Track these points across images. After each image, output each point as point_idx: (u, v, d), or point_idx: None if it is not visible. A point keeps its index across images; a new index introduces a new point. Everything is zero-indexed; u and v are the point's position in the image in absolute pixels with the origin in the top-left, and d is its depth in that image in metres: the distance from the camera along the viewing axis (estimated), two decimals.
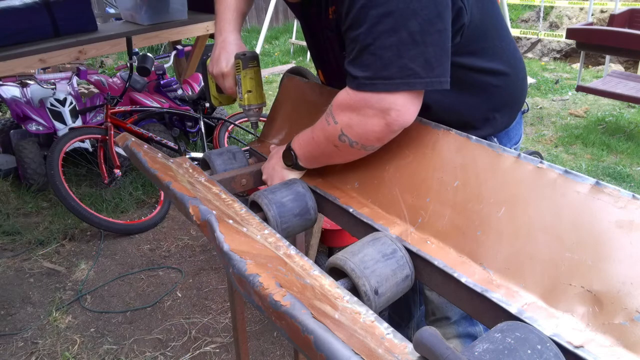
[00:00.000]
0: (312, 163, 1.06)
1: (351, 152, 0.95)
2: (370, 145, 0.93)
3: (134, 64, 3.27)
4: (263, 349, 2.10)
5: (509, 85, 1.08)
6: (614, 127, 4.31)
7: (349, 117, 0.90)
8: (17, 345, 2.13)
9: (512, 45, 1.09)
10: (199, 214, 0.80)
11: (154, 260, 2.72)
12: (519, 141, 1.20)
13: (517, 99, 1.13)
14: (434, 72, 0.84)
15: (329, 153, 0.99)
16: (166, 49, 5.80)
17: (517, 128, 1.17)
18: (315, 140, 0.99)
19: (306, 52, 6.92)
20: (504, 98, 1.09)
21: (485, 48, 1.02)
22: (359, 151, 0.95)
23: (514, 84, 1.10)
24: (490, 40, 1.03)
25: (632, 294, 0.62)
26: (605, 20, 6.14)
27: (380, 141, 0.92)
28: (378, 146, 0.94)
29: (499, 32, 1.05)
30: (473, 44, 0.99)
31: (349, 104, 0.90)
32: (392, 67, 0.83)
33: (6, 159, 3.52)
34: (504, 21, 1.09)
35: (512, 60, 1.08)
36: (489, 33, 1.02)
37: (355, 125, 0.90)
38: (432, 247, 0.82)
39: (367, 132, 0.90)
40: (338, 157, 1.00)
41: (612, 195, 0.69)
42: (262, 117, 1.35)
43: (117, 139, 1.16)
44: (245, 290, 0.63)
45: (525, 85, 1.17)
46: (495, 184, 0.80)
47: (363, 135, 0.90)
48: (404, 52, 0.81)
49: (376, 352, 0.53)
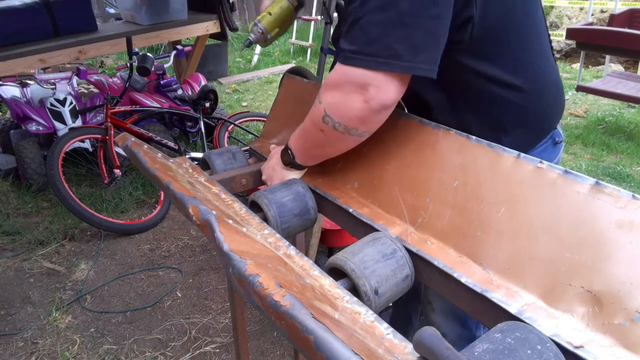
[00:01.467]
0: (307, 157, 1.05)
1: (336, 136, 0.92)
2: (354, 129, 0.90)
3: (134, 64, 3.27)
4: (263, 349, 2.10)
5: (526, 104, 0.99)
6: (614, 127, 4.31)
7: (332, 95, 0.89)
8: (17, 345, 2.13)
9: (543, 64, 1.02)
10: (199, 214, 0.80)
11: (154, 260, 2.72)
12: None
13: (536, 121, 1.03)
14: (418, 58, 0.81)
15: (318, 141, 0.97)
16: (166, 49, 5.80)
17: (544, 157, 1.07)
18: (305, 128, 0.99)
19: (306, 52, 6.92)
20: (518, 117, 1.01)
21: (501, 55, 0.96)
22: (344, 135, 0.92)
23: (533, 104, 1.01)
24: (510, 48, 0.96)
25: (632, 294, 0.62)
26: (605, 20, 6.14)
27: (364, 123, 0.89)
28: (364, 130, 0.91)
29: (526, 45, 0.98)
30: (486, 47, 0.94)
31: (333, 82, 0.89)
32: (376, 44, 0.82)
33: (6, 159, 3.52)
34: (540, 37, 1.02)
35: (537, 77, 1.00)
36: (510, 41, 0.96)
37: (337, 103, 0.89)
38: (432, 247, 0.82)
39: (348, 110, 0.88)
40: (328, 146, 0.97)
41: (612, 195, 0.69)
42: (262, 117, 1.35)
43: (117, 139, 1.16)
44: (245, 290, 0.63)
45: (555, 110, 1.07)
46: (495, 184, 0.80)
47: (344, 114, 0.88)
48: (390, 31, 0.80)
49: (376, 352, 0.53)
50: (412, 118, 0.98)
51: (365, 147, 1.02)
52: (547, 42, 1.06)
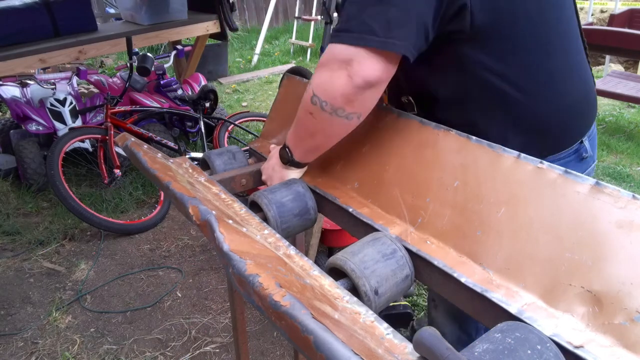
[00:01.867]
0: (303, 151, 1.04)
1: (325, 118, 0.92)
2: (340, 108, 0.90)
3: (134, 64, 3.26)
4: (263, 349, 2.10)
5: (531, 104, 0.95)
6: (614, 127, 4.31)
7: (320, 75, 0.91)
8: (17, 345, 2.13)
9: (565, 72, 0.97)
10: (199, 214, 0.80)
11: (154, 260, 2.72)
12: None
13: (546, 128, 0.98)
14: (391, 33, 0.82)
15: (308, 127, 0.97)
16: (166, 49, 5.80)
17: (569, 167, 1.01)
18: (297, 117, 0.99)
19: (306, 52, 6.92)
20: (524, 118, 0.96)
21: (510, 52, 0.92)
22: (332, 117, 0.91)
23: (544, 111, 0.96)
24: (522, 47, 0.92)
25: (632, 294, 0.62)
26: (605, 20, 6.14)
27: (348, 101, 0.88)
28: (349, 111, 0.90)
29: (544, 47, 0.93)
30: (493, 41, 0.91)
31: (321, 62, 0.91)
32: (353, 21, 0.85)
33: (6, 159, 3.52)
34: (565, 40, 0.97)
35: (554, 84, 0.95)
36: (523, 39, 0.92)
37: (323, 81, 0.90)
38: (432, 247, 0.82)
39: (333, 87, 0.88)
40: (319, 133, 0.97)
41: (612, 196, 0.69)
42: (262, 117, 1.35)
43: (117, 139, 1.16)
44: (245, 290, 0.63)
45: (577, 123, 1.01)
46: (495, 184, 0.80)
47: (329, 91, 0.89)
48: (366, 8, 0.83)
49: (376, 352, 0.53)
50: (412, 118, 0.98)
51: (365, 147, 1.02)
52: (576, 49, 1.01)
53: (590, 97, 1.05)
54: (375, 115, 1.03)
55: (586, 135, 1.04)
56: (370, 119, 1.05)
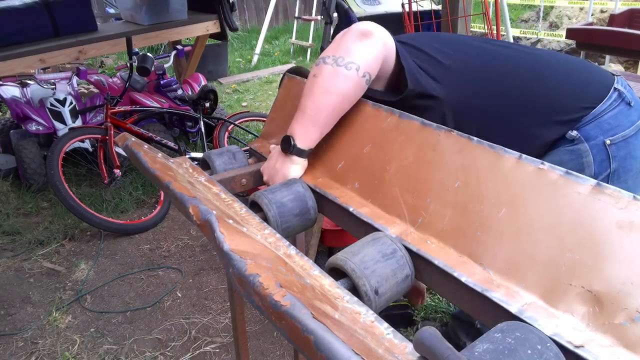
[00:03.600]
0: (306, 129, 1.05)
1: (327, 71, 1.02)
2: (339, 57, 1.01)
3: (134, 64, 3.26)
4: (263, 349, 2.10)
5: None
6: None
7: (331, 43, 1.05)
8: (17, 345, 2.13)
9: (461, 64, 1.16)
10: (199, 214, 0.80)
11: (154, 260, 2.72)
12: (619, 133, 1.11)
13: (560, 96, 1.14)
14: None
15: (313, 90, 1.03)
16: (166, 49, 5.80)
17: (620, 119, 1.12)
18: (303, 94, 1.06)
19: (306, 52, 6.92)
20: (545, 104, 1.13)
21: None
22: (333, 68, 1.01)
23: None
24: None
25: (633, 294, 0.62)
26: (605, 20, 6.14)
27: (347, 49, 1.01)
28: (348, 60, 1.01)
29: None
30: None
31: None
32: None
33: (6, 159, 3.52)
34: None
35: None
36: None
37: (333, 44, 1.04)
38: (432, 247, 0.82)
39: (335, 42, 1.02)
40: (322, 91, 1.02)
41: (613, 196, 0.69)
42: (262, 117, 1.36)
43: (117, 139, 1.16)
44: (245, 290, 0.63)
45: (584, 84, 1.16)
46: (496, 184, 0.80)
47: (332, 46, 1.02)
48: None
49: (376, 352, 0.53)
50: (413, 119, 0.98)
51: (365, 147, 1.02)
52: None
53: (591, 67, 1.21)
54: (376, 115, 1.03)
55: (615, 84, 1.14)
56: (370, 119, 1.05)
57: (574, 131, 1.10)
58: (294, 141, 1.05)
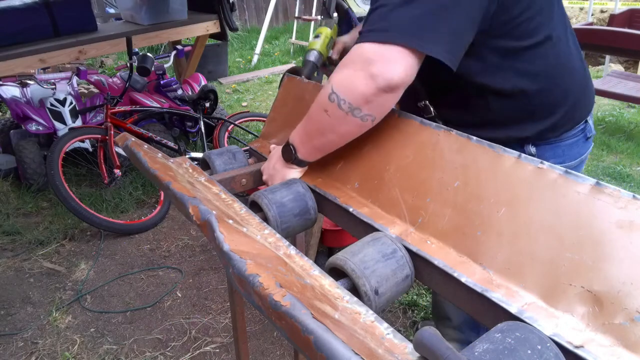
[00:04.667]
0: (309, 149, 1.04)
1: (340, 116, 0.92)
2: (357, 108, 0.90)
3: (134, 64, 3.26)
4: (263, 349, 2.10)
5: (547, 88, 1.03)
6: (614, 127, 4.31)
7: (340, 73, 0.92)
8: (17, 345, 2.13)
9: (560, 44, 1.04)
10: (199, 214, 0.80)
11: (154, 260, 2.72)
12: (571, 164, 1.11)
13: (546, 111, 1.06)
14: (425, 35, 0.84)
15: (321, 124, 0.97)
16: (166, 49, 5.80)
17: (573, 148, 1.10)
18: (309, 114, 1.00)
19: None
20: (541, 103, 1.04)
21: (524, 46, 0.99)
22: (347, 116, 0.92)
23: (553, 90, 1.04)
24: (532, 34, 0.99)
25: (633, 294, 0.62)
26: (605, 20, 6.14)
27: (367, 102, 0.89)
28: (366, 112, 0.91)
29: (546, 30, 1.00)
30: (509, 36, 0.97)
31: (344, 61, 0.92)
32: (385, 22, 0.86)
33: (6, 159, 3.52)
34: (560, 24, 1.04)
35: (549, 65, 1.03)
36: (531, 25, 0.98)
37: (344, 78, 0.90)
38: (432, 247, 0.82)
39: (354, 85, 0.88)
40: (330, 131, 0.97)
41: (613, 196, 0.69)
42: (262, 117, 1.36)
43: (117, 139, 1.16)
44: (245, 290, 0.63)
45: (580, 98, 1.09)
46: (495, 184, 0.80)
47: (350, 89, 0.89)
48: (402, 11, 0.85)
49: (376, 352, 0.53)
50: (412, 118, 0.98)
51: (365, 147, 1.02)
52: (565, 27, 1.07)
53: (587, 73, 1.12)
54: None
55: (589, 114, 1.11)
56: None
57: (533, 148, 1.07)
58: (296, 153, 1.05)
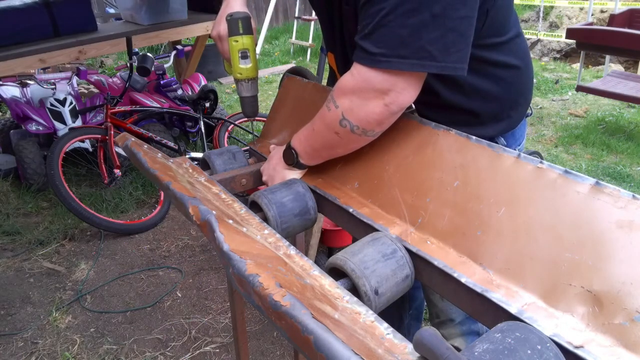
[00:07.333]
0: (314, 158, 1.05)
1: (352, 138, 0.94)
2: (370, 130, 0.92)
3: (134, 64, 3.27)
4: (263, 349, 2.10)
5: (519, 82, 1.08)
6: (613, 127, 4.31)
7: (350, 100, 0.90)
8: (17, 345, 2.13)
9: (524, 39, 1.10)
10: (199, 214, 0.80)
11: (154, 260, 2.72)
12: (522, 142, 1.19)
13: (526, 97, 1.12)
14: (450, 58, 0.83)
15: (330, 143, 0.98)
16: (166, 49, 5.80)
17: (522, 129, 1.17)
18: (316, 131, 0.99)
19: (306, 52, 6.92)
20: (514, 96, 1.08)
21: (504, 40, 1.02)
22: (360, 137, 0.94)
23: (525, 80, 1.10)
24: (508, 31, 1.03)
25: (632, 294, 0.62)
26: (605, 20, 6.14)
27: (381, 125, 0.92)
28: (379, 131, 0.94)
29: (514, 25, 1.05)
30: (494, 35, 0.99)
31: (351, 87, 0.90)
32: (409, 47, 0.82)
33: (6, 159, 3.52)
34: (515, 13, 1.09)
35: (525, 53, 1.08)
36: (507, 25, 1.02)
37: (356, 107, 0.90)
38: (432, 247, 0.82)
39: (368, 114, 0.89)
40: (340, 147, 0.99)
41: (612, 196, 0.69)
42: (262, 117, 1.35)
43: (117, 139, 1.16)
44: (245, 290, 0.63)
45: (532, 84, 1.16)
46: (495, 184, 0.80)
47: (364, 118, 0.90)
48: (424, 33, 0.81)
49: (376, 352, 0.53)
50: (412, 118, 0.98)
51: (365, 147, 1.02)
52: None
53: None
54: None
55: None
56: None
57: (502, 139, 1.10)
58: (298, 158, 1.05)
